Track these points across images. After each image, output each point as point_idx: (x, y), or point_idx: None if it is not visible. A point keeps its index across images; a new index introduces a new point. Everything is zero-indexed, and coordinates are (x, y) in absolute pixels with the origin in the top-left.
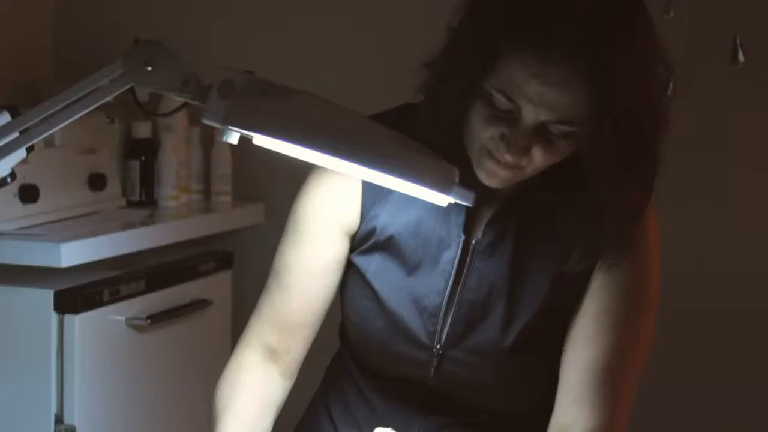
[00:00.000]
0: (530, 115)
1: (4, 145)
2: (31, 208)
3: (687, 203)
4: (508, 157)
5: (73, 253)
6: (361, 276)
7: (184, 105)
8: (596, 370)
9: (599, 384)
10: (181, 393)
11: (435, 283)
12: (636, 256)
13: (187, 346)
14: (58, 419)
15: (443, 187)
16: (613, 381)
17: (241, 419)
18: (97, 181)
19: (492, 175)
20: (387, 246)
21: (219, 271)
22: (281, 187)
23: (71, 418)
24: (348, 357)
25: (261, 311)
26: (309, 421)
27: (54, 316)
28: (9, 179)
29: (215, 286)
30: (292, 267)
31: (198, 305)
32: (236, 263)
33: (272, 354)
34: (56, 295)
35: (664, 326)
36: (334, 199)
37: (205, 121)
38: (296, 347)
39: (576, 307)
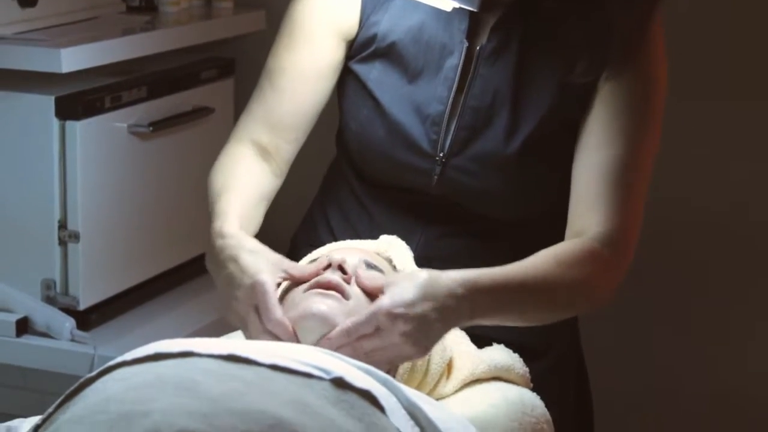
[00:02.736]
0: None
1: None
2: (29, 12)
3: None
4: None
5: (73, 59)
6: (362, 84)
7: None
8: (608, 172)
9: (612, 186)
10: (183, 199)
11: (438, 90)
12: (642, 63)
13: (189, 153)
14: (62, 225)
15: None
16: (625, 183)
17: (240, 199)
18: None
19: None
20: (388, 53)
21: (221, 78)
22: None
23: (75, 224)
24: (346, 166)
25: (253, 110)
26: (307, 230)
27: (55, 122)
28: None
29: (217, 94)
30: (286, 70)
31: (200, 113)
32: (238, 70)
33: (263, 152)
34: (57, 101)
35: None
36: (333, 2)
37: None
38: (286, 147)
39: (582, 116)
